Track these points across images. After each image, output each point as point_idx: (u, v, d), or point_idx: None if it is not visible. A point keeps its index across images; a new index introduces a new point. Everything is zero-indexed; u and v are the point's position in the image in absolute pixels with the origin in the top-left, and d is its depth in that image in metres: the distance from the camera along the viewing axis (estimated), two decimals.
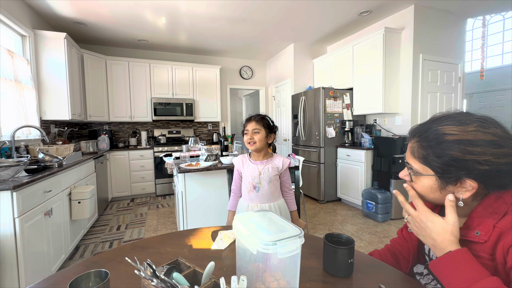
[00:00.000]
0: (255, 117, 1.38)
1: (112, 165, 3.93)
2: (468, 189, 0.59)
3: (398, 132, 3.30)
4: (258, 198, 1.38)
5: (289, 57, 4.56)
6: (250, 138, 1.35)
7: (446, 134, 0.60)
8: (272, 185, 1.38)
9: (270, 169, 1.37)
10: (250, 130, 1.36)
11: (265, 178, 1.36)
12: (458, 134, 0.59)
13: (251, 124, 1.36)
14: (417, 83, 3.17)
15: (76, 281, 0.57)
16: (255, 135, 1.35)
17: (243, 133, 1.42)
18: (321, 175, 3.65)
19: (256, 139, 1.35)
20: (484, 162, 0.56)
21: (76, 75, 3.38)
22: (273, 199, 1.40)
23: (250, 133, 1.35)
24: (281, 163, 1.40)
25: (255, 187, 1.37)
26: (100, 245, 2.52)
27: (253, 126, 1.36)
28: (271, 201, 1.39)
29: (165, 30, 3.74)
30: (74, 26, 3.51)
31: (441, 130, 0.61)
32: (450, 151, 0.59)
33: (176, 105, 4.45)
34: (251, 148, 1.38)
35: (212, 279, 0.59)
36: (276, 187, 1.41)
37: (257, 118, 1.38)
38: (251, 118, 1.39)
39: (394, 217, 3.01)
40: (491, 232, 0.56)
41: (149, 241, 0.95)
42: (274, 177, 1.38)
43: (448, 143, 0.59)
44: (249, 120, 1.38)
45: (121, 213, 3.45)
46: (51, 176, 1.89)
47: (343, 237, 0.78)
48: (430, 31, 3.21)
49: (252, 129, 1.36)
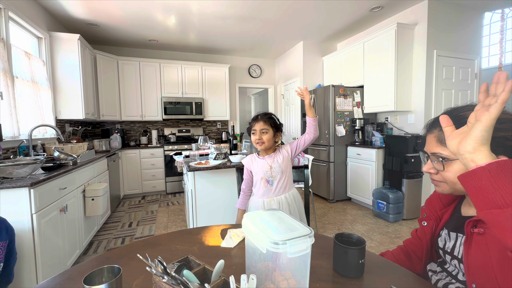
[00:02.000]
0: (262, 116, 1.37)
1: (124, 163, 4.01)
2: None
3: (411, 130, 3.22)
4: (273, 192, 1.39)
5: (298, 55, 4.52)
6: (259, 138, 1.35)
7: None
8: (284, 175, 1.39)
9: (280, 160, 1.39)
10: (258, 130, 1.35)
11: (276, 170, 1.38)
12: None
13: (259, 124, 1.36)
14: (431, 80, 3.08)
15: (90, 276, 0.59)
16: (263, 135, 1.35)
17: (250, 132, 1.42)
18: (330, 174, 3.61)
19: (264, 139, 1.35)
20: (510, 137, 0.58)
21: (89, 75, 3.47)
22: (288, 190, 1.42)
23: (258, 133, 1.35)
24: (288, 148, 1.42)
25: (268, 181, 1.38)
26: (113, 241, 2.58)
27: (261, 126, 1.35)
28: (286, 192, 1.42)
29: (175, 29, 3.78)
30: (87, 27, 3.60)
31: (465, 115, 0.61)
32: None
33: (185, 104, 4.49)
34: (259, 148, 1.39)
35: (221, 277, 0.59)
36: (289, 177, 1.43)
37: (264, 118, 1.37)
38: (258, 117, 1.38)
39: (406, 218, 2.95)
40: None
41: (159, 238, 0.97)
42: (285, 167, 1.39)
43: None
44: (256, 120, 1.37)
45: (132, 210, 3.52)
46: (66, 174, 1.95)
47: (354, 237, 0.77)
48: (444, 26, 3.10)
49: (260, 129, 1.35)
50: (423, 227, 0.81)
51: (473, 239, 0.63)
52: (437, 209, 0.79)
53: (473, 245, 0.62)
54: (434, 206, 0.80)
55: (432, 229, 0.78)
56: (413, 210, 2.97)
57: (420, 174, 2.97)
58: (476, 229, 0.61)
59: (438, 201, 0.80)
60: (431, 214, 0.80)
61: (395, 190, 2.94)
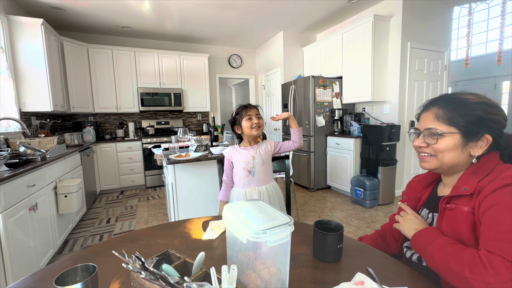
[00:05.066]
0: (252, 104, 1.43)
1: (99, 157, 3.83)
2: (483, 146, 0.70)
3: (386, 120, 3.36)
4: (255, 182, 1.42)
5: (279, 45, 4.50)
6: (257, 122, 1.38)
7: (468, 98, 0.71)
8: (265, 167, 1.43)
9: (262, 152, 1.43)
10: (254, 115, 1.39)
11: (258, 161, 1.41)
12: (476, 98, 0.70)
13: (254, 110, 1.41)
14: (405, 71, 3.21)
15: (62, 276, 0.56)
16: (260, 120, 1.40)
17: (235, 123, 1.43)
18: (311, 164, 3.70)
19: (260, 123, 1.40)
20: (496, 121, 0.68)
21: (56, 64, 3.22)
22: (269, 181, 1.46)
23: (255, 118, 1.38)
24: (272, 143, 1.48)
25: (250, 171, 1.40)
26: (90, 238, 2.48)
27: (256, 112, 1.41)
28: (267, 183, 1.45)
29: (150, 16, 3.59)
30: (51, 11, 3.31)
31: (462, 96, 0.72)
32: (474, 111, 0.68)
33: (163, 95, 4.34)
34: (257, 132, 1.40)
35: (202, 269, 0.59)
36: (269, 169, 1.47)
37: (255, 105, 1.43)
38: (248, 105, 1.42)
39: (381, 203, 3.11)
40: (475, 187, 0.66)
41: (139, 233, 0.94)
42: (266, 159, 1.43)
43: (471, 104, 0.69)
44: (250, 107, 1.41)
45: (110, 206, 3.40)
46: (34, 170, 1.83)
47: (332, 223, 0.80)
48: (418, 19, 3.22)
49: (256, 114, 1.40)
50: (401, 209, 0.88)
51: (444, 214, 0.72)
52: (417, 191, 0.88)
53: (444, 219, 0.71)
54: (414, 189, 0.89)
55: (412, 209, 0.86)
56: (387, 195, 3.14)
57: (394, 161, 3.13)
58: (448, 205, 0.71)
59: (417, 184, 0.89)
60: (411, 195, 0.88)
61: (371, 177, 3.08)
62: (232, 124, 1.45)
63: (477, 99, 0.70)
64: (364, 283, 0.61)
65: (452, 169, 0.74)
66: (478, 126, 0.68)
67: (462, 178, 0.72)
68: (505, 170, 0.65)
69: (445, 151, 0.72)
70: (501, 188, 0.60)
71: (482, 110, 0.68)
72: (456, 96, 0.73)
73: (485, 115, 0.68)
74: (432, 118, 0.74)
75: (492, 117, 0.68)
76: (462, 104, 0.70)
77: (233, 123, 1.44)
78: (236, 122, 1.42)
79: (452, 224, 0.68)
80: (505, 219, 0.56)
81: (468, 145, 0.70)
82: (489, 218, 0.59)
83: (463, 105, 0.70)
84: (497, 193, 0.60)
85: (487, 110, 0.68)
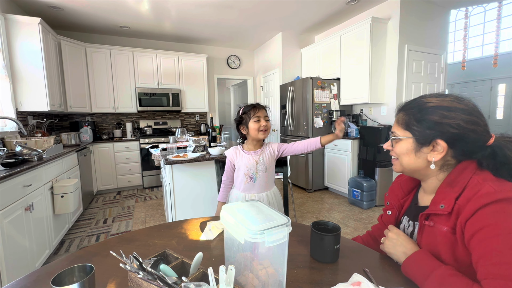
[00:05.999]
0: (261, 105, 1.36)
1: (96, 157, 3.81)
2: (439, 151, 0.68)
3: (384, 121, 3.38)
4: (256, 188, 1.37)
5: (277, 46, 4.51)
6: (265, 125, 1.32)
7: (428, 102, 0.70)
8: (267, 174, 1.38)
9: (266, 157, 1.37)
10: (262, 117, 1.32)
11: (261, 167, 1.35)
12: (437, 101, 0.69)
13: (263, 111, 1.33)
14: (402, 73, 3.23)
15: (59, 276, 0.55)
16: (268, 122, 1.34)
17: (241, 122, 1.35)
18: (309, 165, 3.71)
19: (268, 125, 1.34)
20: (455, 125, 0.65)
21: (53, 63, 3.20)
22: (269, 187, 1.41)
23: (263, 120, 1.32)
24: (276, 146, 1.41)
25: (252, 177, 1.35)
26: (87, 239, 2.47)
27: (265, 113, 1.34)
28: (268, 190, 1.40)
29: (149, 16, 3.58)
30: (49, 10, 3.30)
31: (424, 100, 0.71)
32: (430, 115, 0.68)
33: (162, 95, 4.33)
34: (263, 136, 1.33)
35: (200, 270, 0.59)
36: (271, 175, 1.42)
37: (264, 106, 1.36)
38: (257, 105, 1.34)
39: (378, 204, 3.12)
40: (453, 205, 0.63)
41: (136, 234, 0.94)
42: (269, 165, 1.38)
43: (428, 109, 0.69)
44: (257, 107, 1.33)
45: (107, 206, 3.38)
46: (31, 170, 1.81)
47: (330, 224, 0.80)
48: (415, 22, 3.24)
49: (264, 115, 1.33)
50: (387, 215, 0.88)
51: (424, 229, 0.70)
52: (399, 197, 0.86)
53: (424, 234, 0.70)
54: (396, 195, 0.87)
55: (396, 217, 0.86)
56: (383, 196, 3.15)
57: (391, 163, 3.14)
58: (427, 222, 0.69)
59: (399, 189, 0.87)
60: (394, 202, 0.87)
61: (369, 178, 3.09)
62: (238, 123, 1.37)
63: (436, 103, 0.68)
64: (360, 284, 0.62)
65: (417, 173, 0.74)
66: (431, 131, 0.67)
67: (440, 191, 0.69)
68: (481, 183, 0.61)
69: (400, 154, 0.74)
70: (482, 209, 0.58)
71: (438, 114, 0.66)
72: (419, 100, 0.73)
73: (440, 120, 0.66)
74: (395, 122, 0.77)
75: (448, 122, 0.65)
76: (419, 109, 0.70)
77: (239, 123, 1.36)
78: (243, 121, 1.34)
79: (431, 242, 0.67)
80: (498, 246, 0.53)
81: (422, 150, 0.70)
82: (479, 245, 0.56)
83: (420, 110, 0.70)
84: (479, 215, 0.58)
85: (443, 114, 0.66)
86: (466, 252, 0.60)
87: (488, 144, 0.65)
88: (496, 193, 0.57)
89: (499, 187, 0.59)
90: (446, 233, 0.64)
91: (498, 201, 0.56)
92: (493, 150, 0.65)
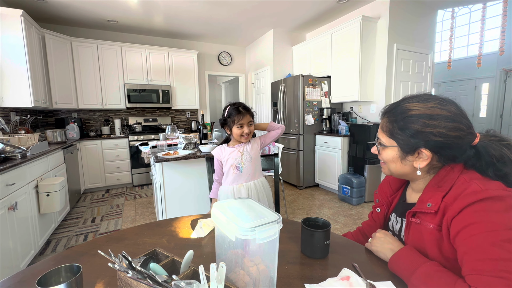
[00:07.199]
0: (245, 108, 1.37)
1: (83, 155, 3.71)
2: (424, 159, 0.68)
3: (373, 119, 3.44)
4: (243, 178, 1.42)
5: (269, 43, 4.50)
6: (247, 132, 1.36)
7: (410, 109, 0.69)
8: (253, 163, 1.44)
9: (249, 148, 1.43)
10: (246, 123, 1.36)
11: (246, 157, 1.41)
12: (419, 109, 0.68)
13: (247, 118, 1.36)
14: (391, 72, 3.29)
15: (44, 277, 0.54)
16: (251, 127, 1.38)
17: (226, 124, 1.40)
18: (300, 162, 3.74)
19: (251, 130, 1.38)
20: (438, 134, 0.65)
21: (37, 57, 3.08)
22: (257, 177, 1.47)
23: (246, 127, 1.36)
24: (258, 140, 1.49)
25: (238, 167, 1.41)
26: (74, 238, 2.41)
27: (249, 119, 1.37)
28: (255, 179, 1.45)
29: (137, 10, 3.50)
30: (32, 2, 3.16)
31: (406, 107, 0.70)
32: (412, 124, 0.67)
33: (151, 92, 4.25)
34: (245, 140, 1.40)
35: (191, 267, 0.59)
36: (258, 165, 1.48)
37: (248, 110, 1.38)
38: (240, 110, 1.35)
39: (367, 200, 3.19)
40: (440, 204, 0.65)
41: (125, 232, 0.92)
42: (254, 155, 1.44)
43: (410, 117, 0.68)
44: (242, 113, 1.34)
45: (95, 205, 3.31)
46: (14, 168, 1.75)
47: (320, 220, 0.81)
48: (404, 21, 3.30)
49: (248, 122, 1.36)
50: (377, 213, 0.90)
51: (411, 226, 0.73)
52: (388, 195, 0.88)
53: (411, 231, 0.72)
54: (385, 192, 0.89)
55: (385, 214, 0.88)
56: (373, 193, 3.22)
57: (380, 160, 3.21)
58: (414, 219, 0.71)
59: (388, 187, 0.89)
60: (383, 200, 0.89)
61: (358, 175, 3.15)
62: (222, 124, 1.42)
63: (418, 111, 0.67)
64: (349, 278, 0.63)
65: (406, 177, 0.75)
66: (415, 139, 0.67)
67: (427, 190, 0.70)
68: (468, 182, 0.63)
69: (387, 161, 0.75)
70: (468, 207, 0.59)
71: (420, 123, 0.66)
72: (402, 107, 0.71)
73: (422, 129, 0.66)
74: (380, 128, 0.77)
75: (430, 130, 0.65)
76: (402, 117, 0.69)
77: (223, 124, 1.42)
78: (227, 124, 1.39)
79: (418, 238, 0.69)
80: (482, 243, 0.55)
81: (407, 158, 0.70)
82: (464, 243, 0.58)
83: (403, 119, 0.69)
84: (465, 213, 0.59)
85: (425, 123, 0.65)
86: (452, 248, 0.62)
87: (473, 144, 0.66)
88: (482, 192, 0.59)
89: (486, 185, 0.61)
90: (432, 230, 0.66)
91: (484, 199, 0.58)
92: (478, 150, 0.66)
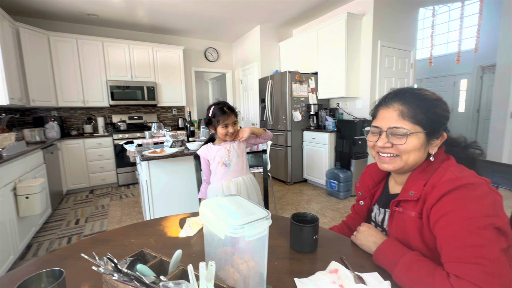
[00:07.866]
0: (230, 108, 1.38)
1: (65, 155, 3.57)
2: (438, 144, 0.70)
3: (359, 115, 3.51)
4: (231, 174, 1.41)
5: (256, 39, 4.47)
6: (232, 132, 1.37)
7: (426, 94, 0.70)
8: (241, 160, 1.44)
9: (236, 145, 1.43)
10: (231, 123, 1.36)
11: (233, 154, 1.41)
12: (432, 94, 0.70)
13: (232, 118, 1.36)
14: (376, 68, 3.36)
15: (24, 283, 0.52)
16: (236, 126, 1.39)
17: (211, 124, 1.39)
18: (288, 158, 3.77)
19: (236, 129, 1.39)
20: (447, 118, 0.69)
21: (11, 52, 2.92)
22: (245, 173, 1.47)
23: (231, 127, 1.36)
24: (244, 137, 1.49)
25: (225, 164, 1.40)
26: (57, 241, 2.33)
27: (233, 119, 1.38)
28: (243, 175, 1.45)
29: (119, 4, 3.37)
30: None
31: (421, 92, 0.70)
32: (434, 108, 0.68)
33: (136, 89, 4.13)
34: (230, 139, 1.40)
35: (180, 267, 0.58)
36: (245, 161, 1.48)
37: (233, 110, 1.39)
38: (225, 110, 1.35)
39: (354, 194, 3.26)
40: (421, 192, 0.67)
41: (111, 234, 0.90)
42: (241, 152, 1.44)
43: (432, 100, 0.69)
44: (227, 113, 1.35)
45: (79, 206, 3.20)
46: None
47: (308, 215, 0.82)
48: (388, 18, 3.37)
49: (233, 121, 1.37)
50: (360, 206, 0.91)
51: (394, 216, 0.74)
52: (370, 187, 0.89)
53: (394, 220, 0.74)
54: (367, 185, 0.89)
55: (368, 207, 0.89)
56: None
57: (365, 154, 3.29)
58: (397, 208, 0.73)
59: (370, 179, 0.89)
60: (366, 192, 0.89)
61: (345, 170, 3.21)
62: (207, 124, 1.42)
63: (434, 96, 0.69)
64: (338, 271, 0.64)
65: (411, 168, 0.73)
66: (437, 124, 0.68)
67: (410, 178, 0.72)
68: (445, 169, 0.65)
69: (411, 151, 0.68)
70: (445, 195, 0.61)
71: (440, 107, 0.68)
72: (416, 91, 0.70)
73: (442, 112, 0.68)
74: (396, 116, 0.69)
75: (446, 114, 0.69)
76: (424, 100, 0.68)
77: (208, 123, 1.41)
78: (212, 123, 1.39)
79: (400, 227, 0.71)
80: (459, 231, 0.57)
81: (429, 144, 0.70)
82: (443, 230, 0.60)
83: (425, 102, 0.68)
84: (443, 201, 0.61)
85: (443, 107, 0.68)
86: (433, 236, 0.64)
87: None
88: (457, 180, 0.61)
89: (460, 173, 0.63)
90: (414, 218, 0.68)
91: (460, 187, 0.60)
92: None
